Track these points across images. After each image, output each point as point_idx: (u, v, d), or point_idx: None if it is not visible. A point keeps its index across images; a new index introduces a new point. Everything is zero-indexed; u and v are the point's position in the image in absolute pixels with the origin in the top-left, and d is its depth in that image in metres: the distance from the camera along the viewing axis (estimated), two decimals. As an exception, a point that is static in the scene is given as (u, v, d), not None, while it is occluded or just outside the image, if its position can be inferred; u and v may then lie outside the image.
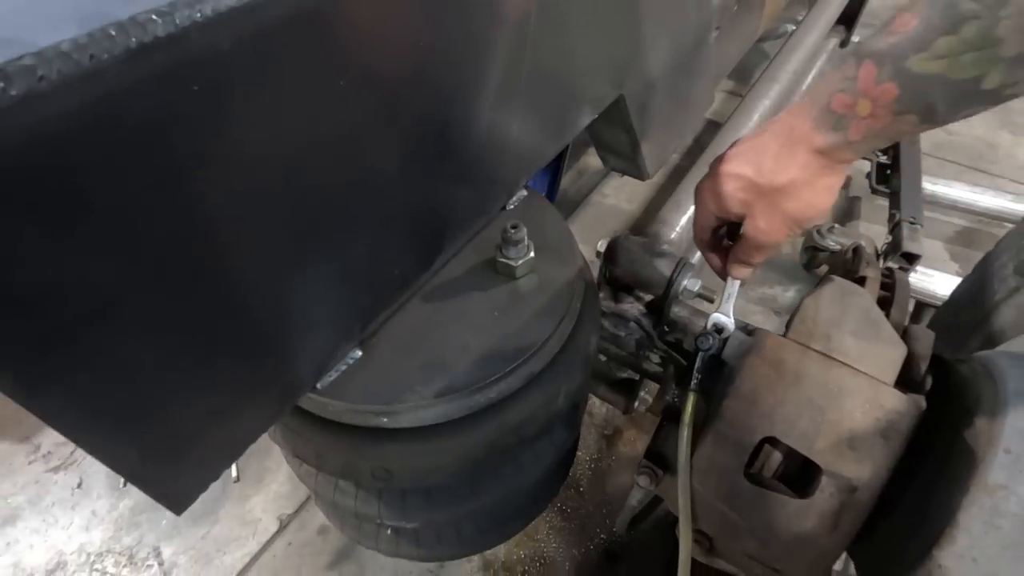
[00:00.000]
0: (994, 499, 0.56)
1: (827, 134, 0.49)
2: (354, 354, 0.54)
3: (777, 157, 0.52)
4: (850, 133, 0.48)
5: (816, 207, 0.54)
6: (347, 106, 0.42)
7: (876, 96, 0.45)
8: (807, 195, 0.53)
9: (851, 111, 0.47)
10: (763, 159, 0.53)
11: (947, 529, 0.57)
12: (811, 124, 0.50)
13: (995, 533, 0.56)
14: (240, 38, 0.32)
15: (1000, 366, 0.65)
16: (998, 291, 0.98)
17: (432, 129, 0.52)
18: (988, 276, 1.02)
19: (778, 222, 0.55)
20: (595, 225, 2.10)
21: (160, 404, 0.38)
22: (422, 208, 0.56)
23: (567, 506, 1.36)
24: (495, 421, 0.54)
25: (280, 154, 0.39)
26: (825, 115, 0.49)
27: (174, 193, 0.33)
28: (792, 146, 0.52)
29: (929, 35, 0.41)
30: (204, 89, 0.31)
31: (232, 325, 0.41)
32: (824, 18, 1.74)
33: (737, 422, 0.64)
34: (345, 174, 0.46)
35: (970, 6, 0.39)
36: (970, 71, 0.40)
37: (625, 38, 0.77)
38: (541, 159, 0.70)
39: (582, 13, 0.65)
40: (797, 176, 0.52)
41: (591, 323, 0.65)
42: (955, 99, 0.42)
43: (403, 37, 0.43)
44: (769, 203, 0.54)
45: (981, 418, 0.61)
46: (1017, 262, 0.95)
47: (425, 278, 0.61)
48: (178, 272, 0.36)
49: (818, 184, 0.52)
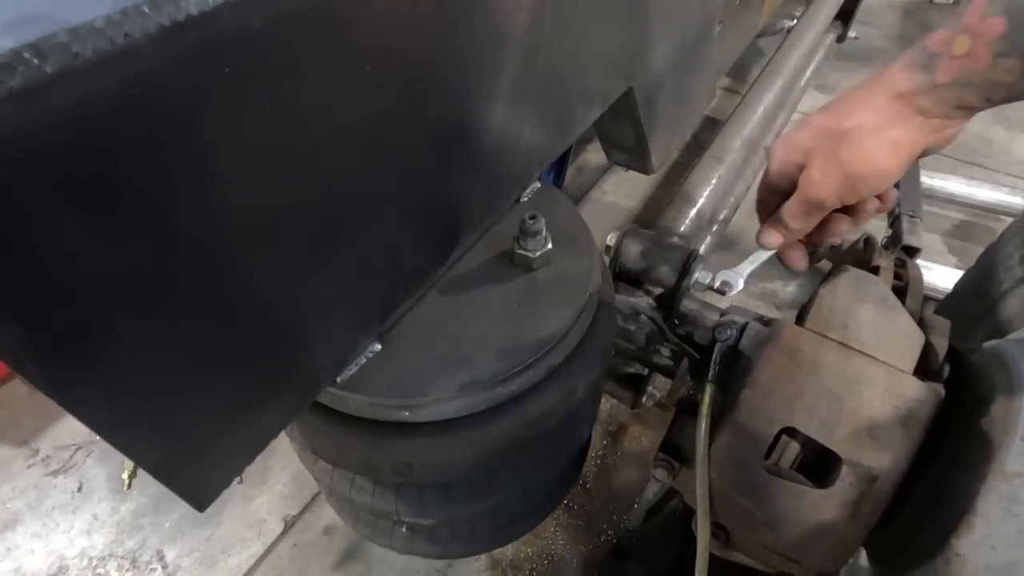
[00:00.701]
0: (1012, 486, 0.56)
1: (912, 74, 0.43)
2: (374, 348, 0.53)
3: (853, 100, 0.47)
4: (938, 74, 0.42)
5: (874, 162, 0.46)
6: (372, 94, 0.41)
7: (979, 32, 0.39)
8: (869, 144, 0.46)
9: (946, 48, 0.41)
10: (840, 104, 0.48)
11: (965, 517, 0.57)
12: (900, 65, 0.45)
13: (1013, 520, 0.56)
14: (271, 19, 0.31)
15: (1012, 354, 0.65)
16: (1004, 281, 0.99)
17: (452, 121, 0.52)
18: (993, 266, 1.03)
19: (831, 173, 0.48)
20: (596, 221, 2.08)
21: (185, 398, 0.38)
22: (440, 200, 0.55)
23: (573, 503, 1.35)
24: (516, 414, 0.54)
25: (305, 142, 0.38)
26: (916, 54, 0.43)
27: (203, 180, 0.32)
28: (873, 89, 0.46)
29: None
30: (235, 71, 0.30)
31: (255, 316, 0.41)
32: (823, 13, 1.74)
33: (755, 412, 0.64)
34: (367, 164, 0.45)
35: None
36: None
37: (635, 30, 0.77)
38: (554, 151, 0.69)
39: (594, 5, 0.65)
40: (865, 120, 0.45)
41: (609, 315, 0.64)
42: None
43: (427, 27, 0.43)
44: (830, 149, 0.48)
45: (996, 406, 0.61)
46: (1023, 252, 0.96)
47: (443, 271, 0.60)
48: (204, 262, 0.35)
49: (884, 135, 0.45)
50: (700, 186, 1.07)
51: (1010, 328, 0.96)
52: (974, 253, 1.91)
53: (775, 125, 1.59)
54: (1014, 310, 0.96)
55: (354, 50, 0.37)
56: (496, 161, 0.61)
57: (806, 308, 0.70)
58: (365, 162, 0.45)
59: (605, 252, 0.96)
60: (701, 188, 1.06)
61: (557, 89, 0.65)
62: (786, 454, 0.68)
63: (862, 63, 2.71)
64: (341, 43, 0.36)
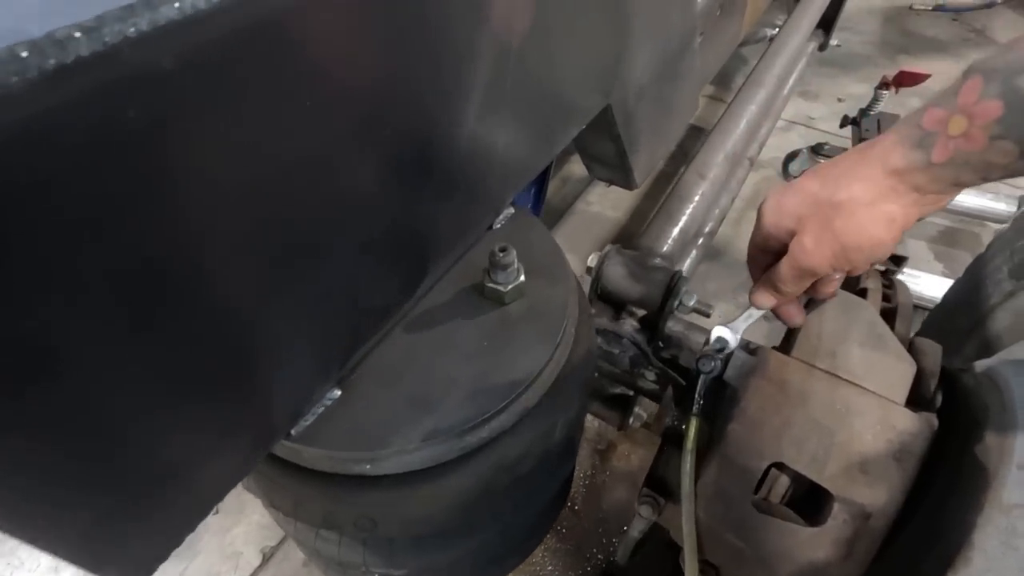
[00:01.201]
0: (1010, 519, 0.54)
1: (907, 151, 0.43)
2: (332, 394, 0.50)
3: (846, 171, 0.46)
4: (934, 153, 0.41)
5: (869, 235, 0.46)
6: (315, 126, 0.38)
7: (975, 113, 0.39)
8: (863, 218, 0.45)
9: (942, 127, 0.41)
10: (832, 173, 0.48)
11: (962, 550, 0.55)
12: (894, 139, 0.44)
13: (1013, 555, 0.54)
14: (185, 55, 0.27)
15: (1005, 376, 0.63)
16: (992, 295, 0.97)
17: (412, 148, 0.48)
18: (981, 279, 1.01)
19: (825, 242, 0.48)
20: (581, 233, 2.07)
21: (111, 462, 0.34)
22: (404, 232, 0.52)
23: (562, 526, 1.32)
24: (488, 461, 0.50)
25: (242, 180, 0.35)
26: (911, 131, 0.43)
27: (117, 228, 0.29)
28: (866, 161, 0.45)
29: None
30: (143, 114, 0.27)
31: (194, 368, 0.37)
32: (806, 22, 1.74)
33: (743, 447, 0.61)
34: (317, 199, 0.41)
35: None
36: None
37: (611, 46, 0.74)
38: (527, 174, 0.66)
39: (567, 20, 0.62)
40: (859, 193, 0.45)
41: (587, 349, 0.61)
42: None
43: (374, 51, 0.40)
44: (822, 219, 0.47)
45: (991, 432, 0.59)
46: (1012, 265, 0.94)
47: (408, 307, 0.56)
48: (126, 316, 0.31)
49: (878, 208, 0.45)
50: (683, 203, 1.04)
51: (1000, 343, 0.94)
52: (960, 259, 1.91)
53: (759, 135, 1.58)
54: (1004, 324, 0.95)
55: (289, 83, 0.34)
56: (465, 187, 0.58)
57: (792, 334, 0.67)
58: (315, 199, 0.41)
59: (587, 273, 0.93)
60: (684, 205, 1.04)
61: (529, 110, 0.62)
62: (776, 488, 0.66)
63: (844, 69, 2.72)
64: (273, 76, 0.33)
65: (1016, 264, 0.92)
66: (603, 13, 0.69)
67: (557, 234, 2.07)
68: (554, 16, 0.59)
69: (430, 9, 0.43)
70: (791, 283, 0.54)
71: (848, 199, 0.46)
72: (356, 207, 0.45)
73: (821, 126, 2.42)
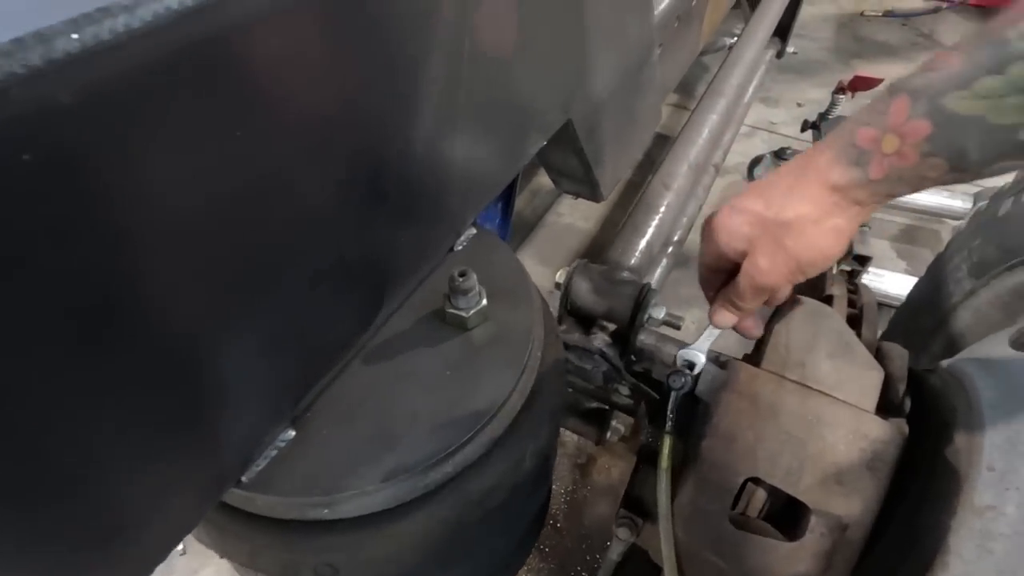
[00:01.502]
0: (983, 520, 0.54)
1: (845, 169, 0.45)
2: (286, 435, 0.47)
3: (789, 190, 0.48)
4: (871, 170, 0.44)
5: (820, 250, 0.49)
6: (251, 153, 0.35)
7: (906, 132, 0.41)
8: (812, 234, 0.48)
9: (876, 146, 0.43)
10: (774, 193, 0.49)
11: (939, 556, 0.55)
12: (830, 157, 0.46)
13: (988, 557, 0.54)
14: (86, 90, 0.25)
15: (969, 375, 0.64)
16: (954, 294, 0.99)
17: (362, 169, 0.46)
18: (943, 279, 1.03)
19: (780, 261, 0.50)
20: (553, 245, 2.07)
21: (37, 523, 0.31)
22: (358, 260, 0.50)
23: (545, 544, 1.29)
24: (455, 497, 0.47)
25: (172, 214, 0.32)
26: (847, 149, 0.45)
27: (32, 271, 0.26)
28: (806, 180, 0.47)
29: (973, 73, 0.38)
30: (40, 157, 0.24)
31: (128, 413, 0.34)
32: (762, 30, 1.78)
33: (718, 463, 0.60)
34: (259, 230, 0.39)
35: (1021, 45, 0.36)
36: (1011, 116, 0.37)
37: (568, 63, 0.74)
38: (488, 194, 0.65)
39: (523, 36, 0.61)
40: (805, 212, 0.47)
41: (555, 372, 0.59)
42: (989, 146, 0.39)
43: (312, 71, 0.38)
44: (773, 239, 0.50)
45: (959, 434, 0.59)
46: (970, 264, 0.96)
47: (366, 337, 0.54)
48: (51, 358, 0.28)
49: (826, 224, 0.47)
50: (649, 215, 1.04)
51: (963, 341, 0.96)
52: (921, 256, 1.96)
53: (723, 142, 1.60)
54: (966, 323, 0.96)
55: (214, 115, 0.31)
56: (423, 208, 0.56)
57: (762, 344, 0.67)
58: (261, 230, 0.39)
59: (556, 288, 0.92)
60: (650, 217, 1.04)
61: (486, 128, 0.60)
62: (753, 502, 0.65)
63: (802, 75, 2.79)
64: (192, 106, 0.30)
65: (974, 263, 0.94)
66: (560, 29, 0.68)
67: (528, 247, 2.06)
68: (509, 31, 0.58)
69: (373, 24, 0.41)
70: (749, 300, 0.56)
71: (796, 218, 0.48)
72: (303, 236, 0.43)
73: (783, 131, 2.48)
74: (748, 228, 0.51)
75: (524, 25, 0.60)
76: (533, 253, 2.03)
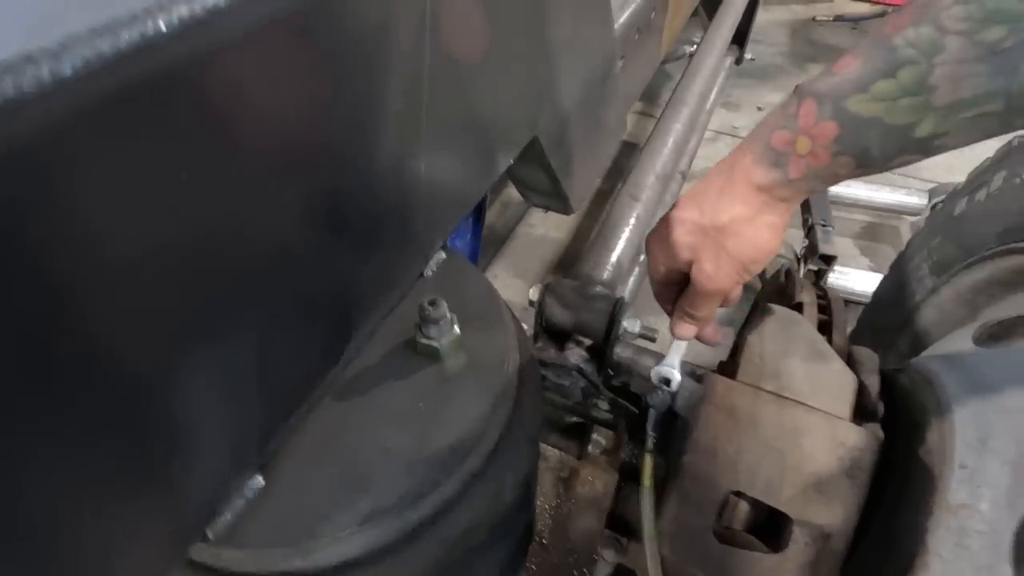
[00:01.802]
0: (959, 519, 0.55)
1: (767, 170, 0.48)
2: (253, 483, 0.44)
3: (719, 195, 0.51)
4: (790, 171, 0.47)
5: (759, 246, 0.51)
6: (201, 193, 0.34)
7: (816, 134, 0.44)
8: (749, 233, 0.50)
9: (791, 148, 0.46)
10: (706, 199, 0.52)
11: (919, 556, 0.55)
12: (752, 160, 0.49)
13: (966, 554, 0.55)
14: (8, 141, 0.23)
15: (936, 372, 0.65)
16: (917, 292, 1.02)
17: (320, 201, 0.45)
18: (906, 278, 1.06)
19: (724, 264, 0.52)
20: (526, 257, 2.06)
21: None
22: (322, 291, 0.48)
23: (531, 561, 1.28)
24: (435, 538, 0.46)
25: (116, 260, 0.30)
26: (766, 152, 0.48)
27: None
28: (733, 183, 0.50)
29: (869, 77, 0.41)
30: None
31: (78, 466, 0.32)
32: (720, 38, 1.81)
33: (700, 478, 0.60)
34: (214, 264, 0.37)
35: (908, 52, 0.39)
36: (905, 117, 0.40)
37: (532, 80, 0.73)
38: (455, 217, 0.64)
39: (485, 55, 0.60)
40: (738, 213, 0.50)
41: (533, 397, 0.58)
42: (889, 144, 0.42)
43: (258, 106, 0.36)
44: (713, 243, 0.52)
45: (931, 433, 0.60)
46: (931, 263, 0.99)
47: (335, 372, 0.52)
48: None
49: (759, 221, 0.50)
50: (618, 228, 1.05)
51: (928, 338, 0.98)
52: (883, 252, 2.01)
53: (688, 149, 1.62)
54: (930, 320, 0.99)
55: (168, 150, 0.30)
56: (388, 236, 0.54)
57: (736, 355, 0.67)
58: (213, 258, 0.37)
59: (530, 305, 0.91)
60: (620, 230, 1.04)
61: (450, 149, 0.59)
62: (737, 514, 0.65)
63: (761, 80, 2.86)
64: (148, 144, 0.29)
65: (935, 262, 0.97)
66: (521, 46, 0.68)
67: (501, 260, 2.05)
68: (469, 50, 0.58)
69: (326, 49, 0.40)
70: (704, 308, 0.57)
71: (731, 220, 0.50)
72: (259, 271, 0.41)
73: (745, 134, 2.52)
74: (689, 237, 0.52)
75: (485, 44, 0.60)
76: (507, 266, 2.02)
